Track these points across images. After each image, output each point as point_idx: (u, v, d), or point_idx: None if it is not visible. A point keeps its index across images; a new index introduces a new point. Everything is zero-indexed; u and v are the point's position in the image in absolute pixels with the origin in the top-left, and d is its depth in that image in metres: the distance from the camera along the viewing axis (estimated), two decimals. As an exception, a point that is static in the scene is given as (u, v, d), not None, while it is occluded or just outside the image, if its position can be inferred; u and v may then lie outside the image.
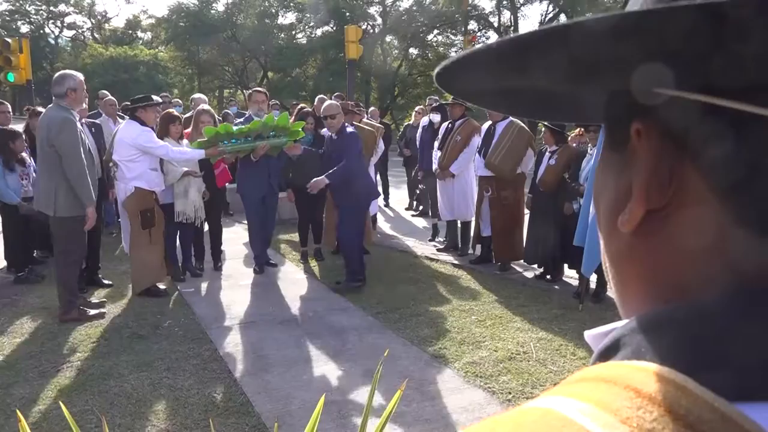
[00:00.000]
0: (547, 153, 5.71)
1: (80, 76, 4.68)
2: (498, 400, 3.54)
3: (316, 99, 8.98)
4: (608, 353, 0.34)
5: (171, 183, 5.52)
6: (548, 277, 5.96)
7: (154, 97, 5.51)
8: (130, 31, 40.50)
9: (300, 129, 5.47)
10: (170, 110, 6.08)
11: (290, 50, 31.48)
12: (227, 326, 4.64)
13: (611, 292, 0.42)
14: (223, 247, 6.47)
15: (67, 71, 4.78)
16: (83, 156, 4.49)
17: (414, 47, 32.70)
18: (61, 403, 1.58)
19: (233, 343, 4.26)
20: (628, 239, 0.37)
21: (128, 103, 6.20)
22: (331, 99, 10.30)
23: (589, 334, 0.40)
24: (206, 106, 6.44)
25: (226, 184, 6.40)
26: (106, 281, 5.71)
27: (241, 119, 6.18)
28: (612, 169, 0.39)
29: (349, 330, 4.56)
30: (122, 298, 5.29)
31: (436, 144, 6.92)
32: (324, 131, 6.03)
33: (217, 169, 5.99)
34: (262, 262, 6.15)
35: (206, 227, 6.21)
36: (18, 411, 1.54)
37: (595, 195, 0.42)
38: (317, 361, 4.01)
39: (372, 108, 10.32)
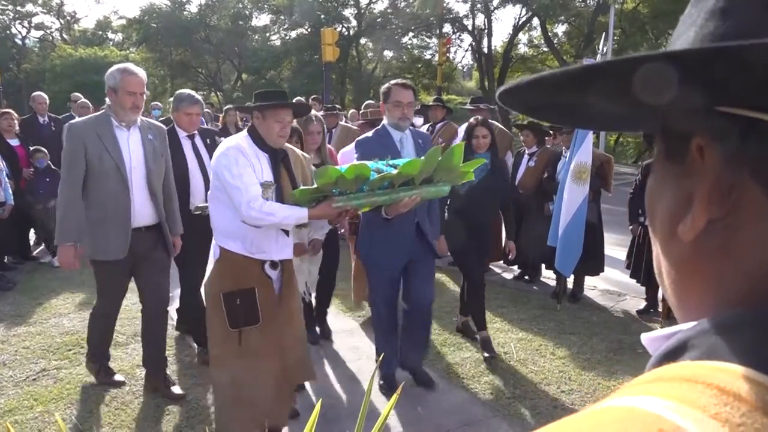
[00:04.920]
0: (525, 155, 5.77)
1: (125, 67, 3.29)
2: (480, 401, 3.57)
3: (294, 101, 8.96)
4: (674, 354, 0.35)
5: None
6: (527, 278, 6.03)
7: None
8: (101, 32, 39.75)
9: (472, 170, 3.04)
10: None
11: (265, 52, 31.29)
12: (207, 331, 4.58)
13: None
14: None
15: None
16: (74, 173, 3.20)
17: (389, 50, 32.78)
18: (57, 416, 1.55)
19: (214, 349, 4.21)
20: (689, 247, 0.39)
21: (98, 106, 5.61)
22: (309, 101, 10.29)
23: (647, 337, 0.42)
24: (315, 112, 4.37)
25: None
26: (43, 260, 5.49)
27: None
28: (669, 180, 0.41)
29: (333, 333, 4.54)
30: (98, 304, 5.19)
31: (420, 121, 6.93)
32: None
33: None
34: (392, 380, 3.60)
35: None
36: (9, 425, 1.50)
37: (649, 204, 0.44)
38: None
39: (352, 110, 10.30)
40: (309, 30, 30.05)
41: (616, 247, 6.23)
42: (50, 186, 6.62)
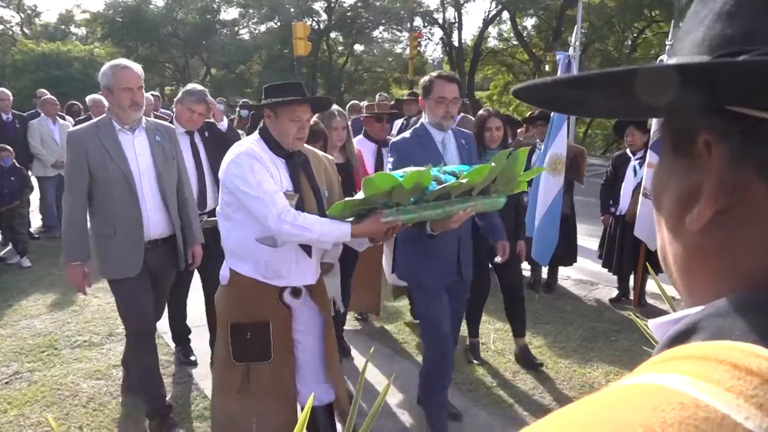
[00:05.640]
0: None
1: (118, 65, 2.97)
2: (459, 391, 3.61)
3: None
4: (684, 337, 0.38)
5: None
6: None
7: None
8: (63, 27, 38.77)
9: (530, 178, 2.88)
10: None
11: (234, 46, 30.89)
12: (203, 325, 4.54)
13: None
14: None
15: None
16: (76, 185, 2.88)
17: (360, 43, 32.68)
18: (49, 418, 1.53)
19: (192, 347, 4.17)
20: (696, 236, 0.42)
21: (76, 102, 5.18)
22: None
23: (655, 323, 0.44)
24: (337, 106, 3.67)
25: None
26: (11, 261, 5.50)
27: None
28: (676, 172, 0.44)
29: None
30: (71, 304, 5.09)
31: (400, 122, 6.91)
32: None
33: None
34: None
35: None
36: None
37: (656, 194, 0.47)
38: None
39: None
40: (279, 24, 29.77)
41: (588, 237, 6.34)
42: (15, 185, 6.45)
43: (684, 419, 0.30)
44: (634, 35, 24.89)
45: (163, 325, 4.54)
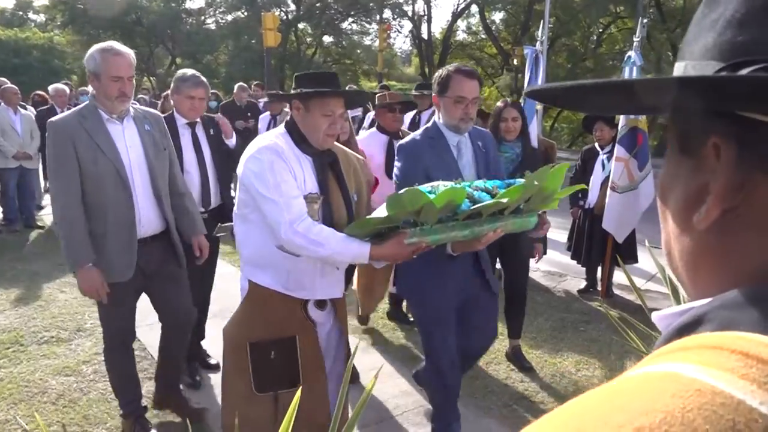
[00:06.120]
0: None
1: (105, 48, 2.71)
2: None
3: (236, 87, 8.77)
4: (690, 328, 0.40)
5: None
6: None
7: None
8: (21, 13, 37.49)
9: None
10: None
11: (200, 36, 30.35)
12: (153, 323, 4.46)
13: (675, 278, 0.49)
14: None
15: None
16: (67, 182, 2.63)
17: (328, 35, 32.47)
18: (37, 416, 1.49)
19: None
20: (703, 234, 0.44)
21: (41, 93, 4.77)
22: (251, 87, 10.09)
23: (658, 315, 0.46)
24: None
25: None
26: None
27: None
28: (682, 172, 0.46)
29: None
30: (35, 299, 4.97)
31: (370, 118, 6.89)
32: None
33: None
34: None
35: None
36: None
37: (662, 193, 0.49)
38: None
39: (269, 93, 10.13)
40: (246, 14, 29.35)
41: (557, 230, 6.43)
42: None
43: (702, 405, 0.32)
44: (600, 30, 25.32)
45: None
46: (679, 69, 0.46)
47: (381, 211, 2.08)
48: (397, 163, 2.62)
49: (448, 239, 2.13)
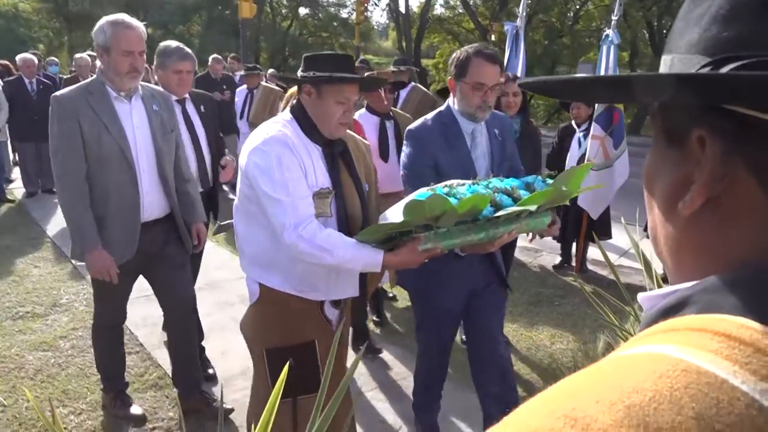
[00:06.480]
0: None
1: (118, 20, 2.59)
2: (413, 354, 3.71)
3: (210, 59, 8.60)
4: (675, 309, 0.42)
5: None
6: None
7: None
8: (-17, -22, 36.02)
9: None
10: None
11: (172, 5, 29.55)
12: (133, 297, 4.43)
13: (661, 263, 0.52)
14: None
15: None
16: (73, 161, 2.53)
17: (304, 6, 31.90)
18: (28, 393, 1.48)
19: (141, 316, 4.10)
20: (687, 221, 0.47)
21: (4, 62, 4.24)
22: (228, 60, 9.90)
23: (643, 296, 0.49)
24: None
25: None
26: None
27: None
28: (668, 162, 0.48)
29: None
30: (8, 274, 4.89)
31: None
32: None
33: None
34: (434, 428, 2.84)
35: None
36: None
37: (648, 181, 0.51)
38: (232, 329, 3.97)
39: (271, 70, 10.01)
40: (220, -17, 28.63)
41: (532, 206, 6.54)
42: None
43: (688, 384, 0.35)
44: (577, 7, 25.33)
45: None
46: (666, 62, 0.48)
47: (394, 215, 1.96)
48: (404, 149, 2.43)
49: (462, 243, 2.00)
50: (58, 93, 2.57)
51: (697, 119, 0.44)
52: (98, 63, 2.59)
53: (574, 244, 5.39)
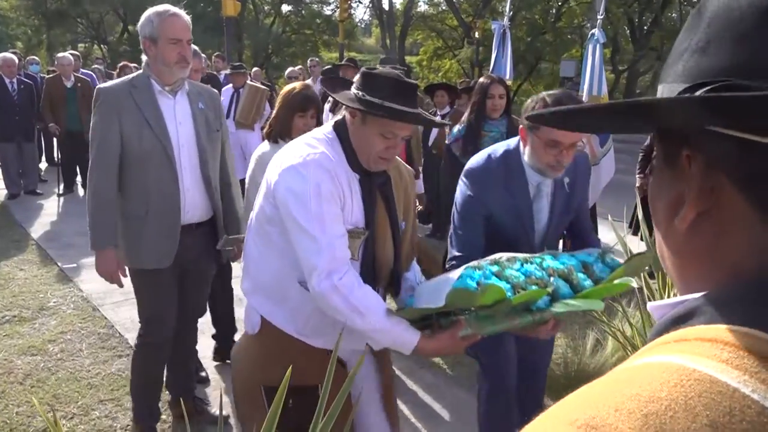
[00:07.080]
0: (438, 116, 5.92)
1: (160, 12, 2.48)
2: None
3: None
4: (683, 319, 0.45)
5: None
6: (438, 234, 6.28)
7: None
8: (-42, -26, 35.34)
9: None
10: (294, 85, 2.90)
11: (152, 3, 29.19)
12: (120, 301, 4.41)
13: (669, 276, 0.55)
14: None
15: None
16: (106, 155, 2.44)
17: (287, 3, 31.75)
18: (34, 400, 1.48)
19: (130, 319, 4.06)
20: (684, 235, 0.50)
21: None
22: (212, 59, 9.82)
23: (653, 305, 0.52)
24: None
25: None
26: None
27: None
28: (665, 181, 0.52)
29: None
30: (-7, 278, 4.83)
31: (327, 107, 6.88)
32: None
33: None
34: None
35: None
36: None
37: (651, 201, 0.55)
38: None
39: (255, 69, 9.96)
40: (202, -20, 28.36)
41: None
42: None
43: (702, 393, 0.37)
44: (559, 4, 25.51)
45: (98, 296, 4.39)
46: (659, 91, 0.53)
47: (431, 294, 1.74)
48: (461, 187, 2.21)
49: (507, 329, 1.76)
50: (103, 85, 2.53)
51: (685, 139, 0.48)
52: (143, 57, 2.52)
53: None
